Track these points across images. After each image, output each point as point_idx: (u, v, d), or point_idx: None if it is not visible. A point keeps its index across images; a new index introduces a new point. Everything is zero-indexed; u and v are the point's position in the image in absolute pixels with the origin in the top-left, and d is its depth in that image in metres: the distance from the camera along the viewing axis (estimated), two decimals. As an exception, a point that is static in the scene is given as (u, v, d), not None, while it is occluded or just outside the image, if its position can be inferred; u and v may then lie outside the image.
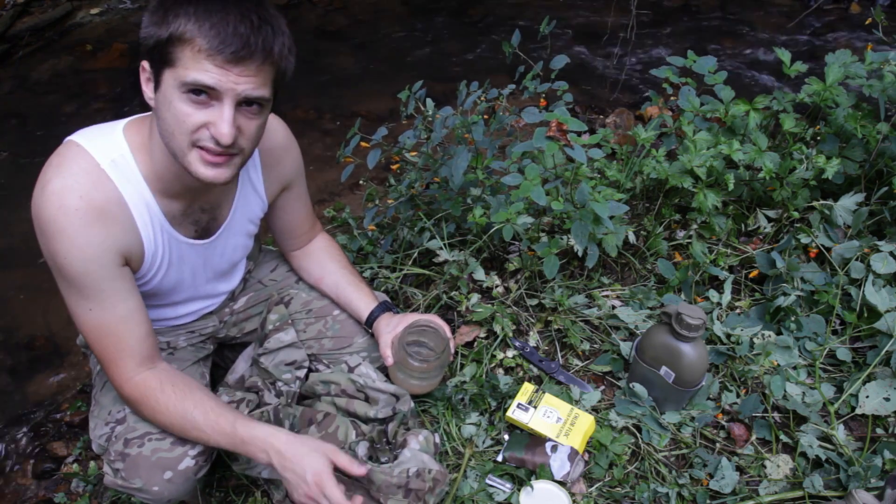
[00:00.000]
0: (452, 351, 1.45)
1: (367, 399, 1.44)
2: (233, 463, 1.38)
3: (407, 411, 1.44)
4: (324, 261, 1.53)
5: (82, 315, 1.14)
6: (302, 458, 1.16)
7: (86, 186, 1.06)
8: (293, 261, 1.56)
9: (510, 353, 1.63)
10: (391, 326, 1.43)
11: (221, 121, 1.01)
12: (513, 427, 1.49)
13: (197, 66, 0.98)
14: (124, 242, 1.13)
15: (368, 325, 1.48)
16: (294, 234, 1.51)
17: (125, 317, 1.16)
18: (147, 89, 1.08)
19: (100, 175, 1.08)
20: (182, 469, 1.22)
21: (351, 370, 1.48)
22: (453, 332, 1.70)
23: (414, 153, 2.05)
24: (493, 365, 1.62)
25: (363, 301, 1.48)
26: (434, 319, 1.44)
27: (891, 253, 1.62)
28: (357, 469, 1.18)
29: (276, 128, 1.33)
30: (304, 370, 1.49)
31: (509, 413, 1.46)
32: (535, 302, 1.74)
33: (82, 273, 1.09)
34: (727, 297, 1.67)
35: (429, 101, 1.80)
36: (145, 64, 1.06)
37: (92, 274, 1.10)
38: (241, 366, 1.53)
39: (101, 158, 1.09)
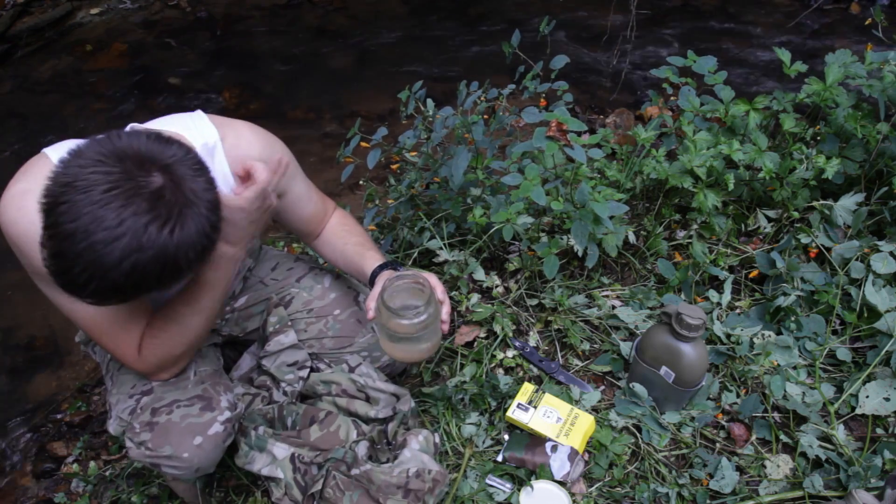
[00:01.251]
0: (447, 309, 1.29)
1: (367, 399, 1.45)
2: (235, 458, 1.38)
3: (407, 411, 1.44)
4: (334, 243, 1.47)
5: (79, 309, 1.13)
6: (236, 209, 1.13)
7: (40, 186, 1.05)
8: (315, 250, 1.51)
9: (510, 353, 1.63)
10: (384, 279, 1.32)
11: None
12: (513, 427, 1.49)
13: None
14: None
15: (370, 284, 1.36)
16: (306, 230, 1.47)
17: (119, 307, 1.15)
18: None
19: None
20: (212, 434, 1.23)
21: (352, 370, 1.48)
22: (453, 332, 1.70)
23: (414, 153, 2.05)
24: (493, 365, 1.62)
25: (367, 263, 1.38)
26: (421, 274, 1.30)
27: (891, 253, 1.62)
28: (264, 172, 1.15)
29: (251, 140, 1.27)
30: (307, 370, 1.49)
31: (509, 413, 1.46)
32: (535, 302, 1.74)
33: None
34: (727, 297, 1.67)
35: (429, 101, 1.80)
36: None
37: None
38: (246, 362, 1.54)
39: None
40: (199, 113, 1.22)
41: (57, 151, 1.10)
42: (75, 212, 0.85)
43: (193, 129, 1.19)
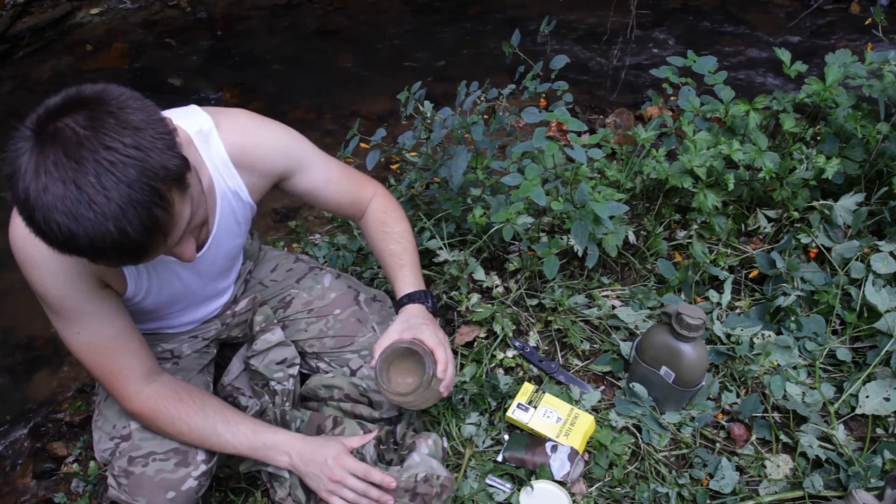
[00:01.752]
0: (450, 375, 1.26)
1: (370, 403, 1.44)
2: (240, 466, 1.37)
3: (413, 412, 1.43)
4: (375, 240, 1.44)
5: (72, 339, 1.14)
6: (319, 449, 1.23)
7: None
8: (362, 230, 1.48)
9: (510, 353, 1.63)
10: (399, 329, 1.29)
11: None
12: (513, 427, 1.49)
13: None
14: (98, 270, 1.09)
15: (398, 308, 1.36)
16: (344, 214, 1.45)
17: (114, 336, 1.15)
18: None
19: None
20: (185, 489, 1.24)
21: (353, 373, 1.47)
22: (453, 331, 1.70)
23: (414, 153, 2.05)
24: (493, 365, 1.62)
25: (398, 284, 1.37)
26: (421, 342, 1.25)
27: (891, 253, 1.62)
28: (366, 437, 1.28)
29: (246, 125, 1.23)
30: (296, 367, 1.48)
31: (509, 413, 1.46)
32: (535, 302, 1.74)
33: (61, 298, 1.08)
34: (727, 297, 1.67)
35: (427, 102, 1.80)
36: None
37: (70, 298, 1.09)
38: (235, 366, 1.53)
39: None
40: (192, 106, 1.21)
41: None
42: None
43: (186, 117, 1.16)
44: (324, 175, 1.36)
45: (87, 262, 1.00)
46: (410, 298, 1.34)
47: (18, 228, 1.01)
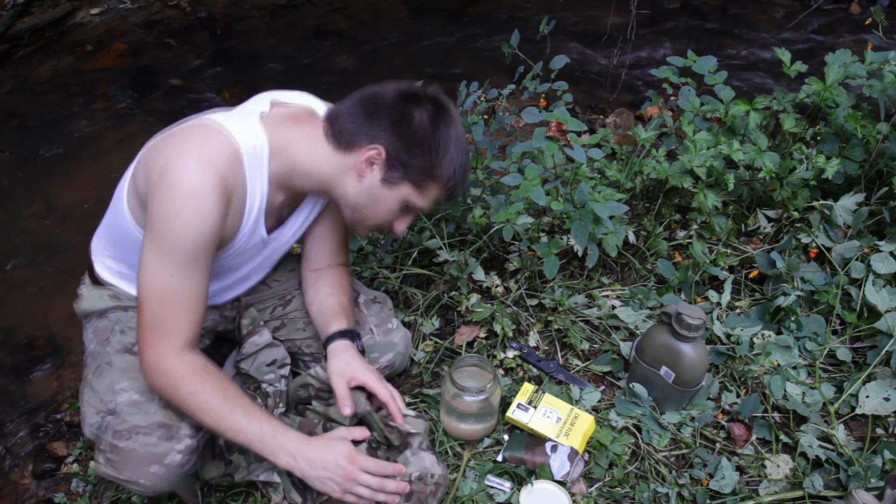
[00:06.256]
0: (394, 409, 1.34)
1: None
2: (235, 475, 1.37)
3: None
4: (323, 288, 1.48)
5: (162, 279, 1.15)
6: (326, 451, 1.22)
7: (225, 167, 1.13)
8: (303, 282, 1.52)
9: (510, 353, 1.63)
10: (348, 368, 1.35)
11: (403, 226, 1.31)
12: (513, 427, 1.49)
13: (431, 202, 1.27)
14: (230, 226, 1.20)
15: (325, 346, 1.40)
16: (316, 249, 1.49)
17: (196, 294, 1.18)
18: (367, 166, 1.22)
19: (238, 160, 1.16)
20: (168, 463, 1.24)
21: (321, 365, 1.46)
22: (453, 331, 1.70)
23: (414, 153, 2.05)
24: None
25: (333, 323, 1.41)
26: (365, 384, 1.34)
27: (891, 253, 1.62)
28: (360, 433, 1.31)
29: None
30: (287, 367, 1.47)
31: (509, 413, 1.46)
32: (535, 302, 1.74)
33: (192, 242, 1.13)
34: (727, 297, 1.67)
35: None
36: (382, 152, 1.20)
37: (200, 246, 1.14)
38: (228, 370, 1.51)
39: (242, 144, 1.16)
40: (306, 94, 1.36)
41: (227, 121, 1.19)
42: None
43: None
44: (329, 226, 1.47)
45: (228, 219, 1.17)
46: (343, 335, 1.40)
47: (195, 167, 1.11)
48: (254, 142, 1.18)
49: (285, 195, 1.29)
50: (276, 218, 1.34)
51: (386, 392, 1.33)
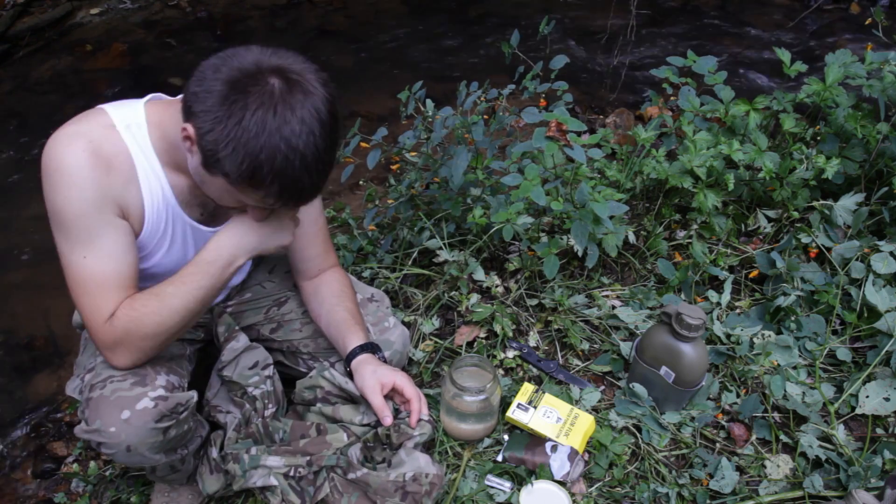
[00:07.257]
0: (416, 410, 1.36)
1: (351, 399, 1.42)
2: (233, 484, 1.36)
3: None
4: (328, 300, 1.45)
5: (76, 263, 1.13)
6: (236, 221, 1.22)
7: (98, 136, 1.11)
8: (303, 294, 1.51)
9: (510, 353, 1.63)
10: (376, 377, 1.34)
11: (258, 216, 1.21)
12: (513, 427, 1.49)
13: (261, 202, 1.11)
14: (124, 195, 1.14)
15: (348, 362, 1.39)
16: (299, 266, 1.48)
17: (117, 270, 1.15)
18: (190, 145, 1.08)
19: (113, 132, 1.13)
20: (139, 409, 1.18)
21: (332, 365, 1.46)
22: (453, 331, 1.70)
23: (414, 153, 2.05)
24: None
25: (350, 338, 1.39)
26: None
27: (891, 253, 1.62)
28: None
29: None
30: (270, 367, 1.45)
31: (509, 413, 1.46)
32: (535, 302, 1.74)
33: (79, 215, 1.10)
34: (727, 297, 1.67)
35: (428, 101, 1.80)
36: (192, 132, 1.06)
37: (89, 217, 1.10)
38: (214, 380, 1.49)
39: (117, 121, 1.14)
40: None
41: (109, 105, 1.17)
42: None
43: None
44: (313, 226, 1.42)
45: (115, 186, 1.12)
46: (363, 349, 1.38)
47: (63, 140, 1.09)
48: (131, 118, 1.15)
49: (189, 180, 1.20)
50: (202, 207, 1.27)
51: (413, 391, 1.34)
